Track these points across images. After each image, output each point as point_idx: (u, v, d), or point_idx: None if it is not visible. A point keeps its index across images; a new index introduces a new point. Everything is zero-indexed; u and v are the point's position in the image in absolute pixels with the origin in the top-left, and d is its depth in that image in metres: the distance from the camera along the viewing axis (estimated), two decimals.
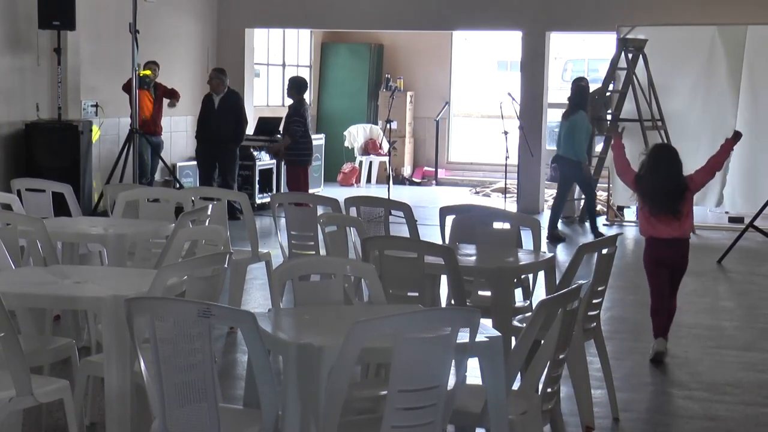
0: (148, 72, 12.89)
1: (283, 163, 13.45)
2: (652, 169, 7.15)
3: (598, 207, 14.55)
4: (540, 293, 6.32)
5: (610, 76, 14.04)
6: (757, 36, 13.59)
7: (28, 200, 8.00)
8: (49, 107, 12.40)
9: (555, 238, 12.44)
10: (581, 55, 17.93)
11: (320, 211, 7.49)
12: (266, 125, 15.23)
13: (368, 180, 18.10)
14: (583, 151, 12.62)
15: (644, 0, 13.27)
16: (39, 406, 4.51)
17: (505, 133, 14.08)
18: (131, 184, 11.35)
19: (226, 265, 5.07)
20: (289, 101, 13.07)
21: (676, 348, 7.94)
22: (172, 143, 14.16)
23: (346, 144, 18.13)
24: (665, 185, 7.06)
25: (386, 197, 9.99)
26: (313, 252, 7.12)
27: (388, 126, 15.81)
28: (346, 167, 18.02)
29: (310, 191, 12.28)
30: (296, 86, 12.91)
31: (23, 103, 12.22)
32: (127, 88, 12.74)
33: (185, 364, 3.82)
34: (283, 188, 14.02)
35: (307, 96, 13.32)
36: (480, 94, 19.69)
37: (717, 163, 7.48)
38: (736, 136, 7.85)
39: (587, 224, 13.51)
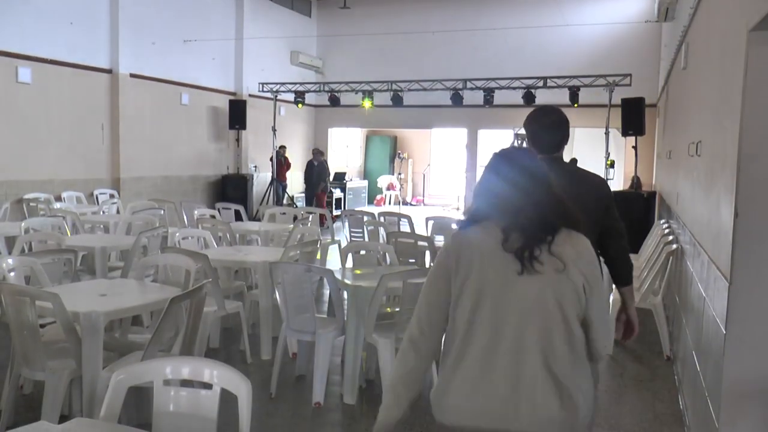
0: (281, 151, 13.00)
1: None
2: None
3: None
4: None
5: None
6: (583, 135, 13.98)
7: (223, 213, 8.08)
8: (233, 167, 12.49)
9: None
10: (495, 140, 17.78)
11: (365, 218, 7.49)
12: (337, 176, 15.37)
13: (389, 203, 18.04)
14: None
15: (525, 115, 13.20)
16: (228, 315, 4.55)
17: (459, 179, 14.11)
18: (271, 205, 11.44)
19: (317, 246, 5.11)
20: (317, 160, 12.79)
21: None
22: (292, 185, 14.14)
23: (379, 185, 18.04)
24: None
25: (398, 211, 9.96)
26: (362, 239, 7.13)
27: (399, 176, 15.91)
28: (378, 196, 17.95)
29: (359, 208, 12.23)
30: (321, 153, 12.94)
31: (221, 166, 12.32)
32: (270, 159, 12.81)
33: (298, 295, 3.85)
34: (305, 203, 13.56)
35: (324, 156, 13.14)
36: (446, 160, 19.61)
37: None
38: None
39: None
